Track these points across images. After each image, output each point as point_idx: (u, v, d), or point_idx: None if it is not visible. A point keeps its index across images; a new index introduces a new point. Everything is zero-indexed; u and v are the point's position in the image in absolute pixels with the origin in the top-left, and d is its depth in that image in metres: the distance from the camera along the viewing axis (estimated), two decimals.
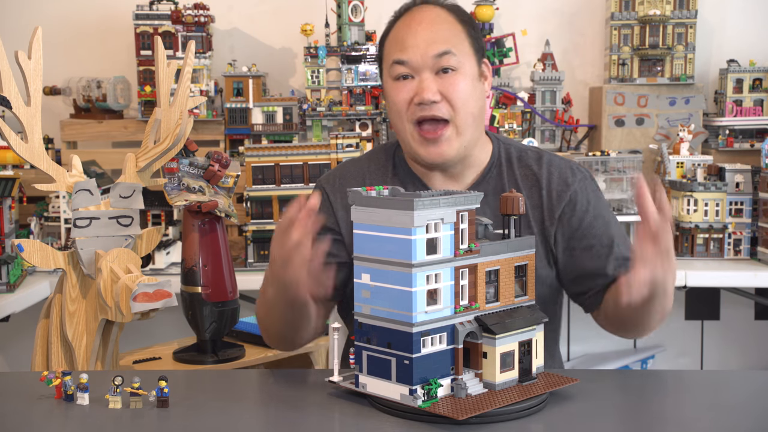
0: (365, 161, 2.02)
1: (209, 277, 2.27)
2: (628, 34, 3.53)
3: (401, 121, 1.86)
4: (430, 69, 1.83)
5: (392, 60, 1.86)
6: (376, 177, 1.97)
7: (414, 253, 1.39)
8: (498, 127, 3.45)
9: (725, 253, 3.24)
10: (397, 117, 1.87)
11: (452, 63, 1.83)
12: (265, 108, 3.41)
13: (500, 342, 1.46)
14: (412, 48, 1.83)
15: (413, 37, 1.84)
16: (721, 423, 1.46)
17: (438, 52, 1.82)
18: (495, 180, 1.94)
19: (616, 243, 1.89)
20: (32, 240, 2.48)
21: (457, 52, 1.84)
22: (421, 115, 1.82)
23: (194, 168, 2.28)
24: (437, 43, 1.83)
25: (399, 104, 1.85)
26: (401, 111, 1.85)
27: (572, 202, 1.90)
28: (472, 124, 1.86)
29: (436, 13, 1.88)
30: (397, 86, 1.86)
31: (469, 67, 1.86)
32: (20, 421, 1.48)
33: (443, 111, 1.82)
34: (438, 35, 1.84)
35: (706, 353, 3.81)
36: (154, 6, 3.48)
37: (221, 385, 1.69)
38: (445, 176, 1.93)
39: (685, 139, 3.36)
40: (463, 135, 1.85)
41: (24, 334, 3.09)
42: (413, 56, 1.83)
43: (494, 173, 1.95)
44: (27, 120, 1.94)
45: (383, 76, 1.93)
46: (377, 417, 1.45)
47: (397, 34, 1.89)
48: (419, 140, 1.85)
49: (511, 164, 1.96)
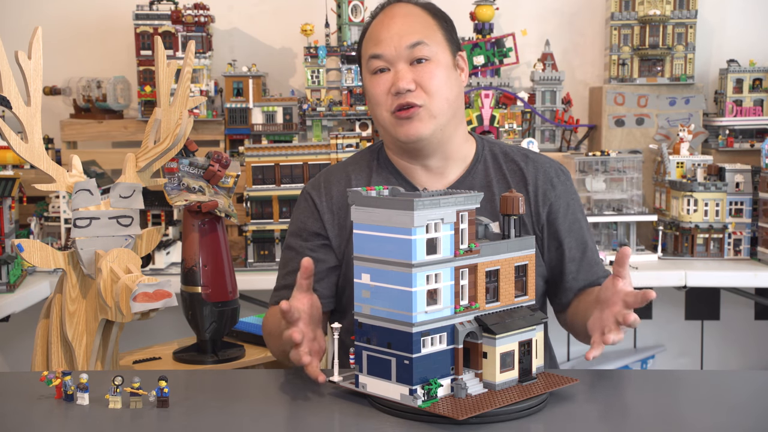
0: (349, 163, 2.08)
1: (209, 277, 2.27)
2: (628, 34, 3.53)
3: (380, 112, 1.93)
4: (405, 60, 1.89)
5: (368, 55, 1.93)
6: (360, 176, 2.02)
7: (414, 253, 1.39)
8: (498, 127, 3.45)
9: (725, 253, 3.24)
10: (376, 108, 1.94)
11: (425, 53, 1.89)
12: (265, 108, 3.41)
13: (500, 342, 1.46)
14: (385, 41, 1.90)
15: (387, 31, 1.91)
16: (721, 423, 1.46)
17: (411, 43, 1.89)
18: (481, 175, 1.99)
19: (589, 248, 2.01)
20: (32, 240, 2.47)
21: (429, 42, 1.90)
22: (398, 103, 1.89)
23: (194, 168, 2.28)
24: (410, 35, 1.89)
25: (378, 96, 1.92)
26: (380, 102, 1.92)
27: (556, 204, 1.98)
28: (448, 109, 1.92)
29: (408, 9, 1.95)
30: (375, 79, 1.93)
31: (443, 57, 1.92)
32: (20, 421, 1.48)
33: (418, 98, 1.88)
34: (410, 27, 1.91)
35: (706, 353, 3.81)
36: (154, 6, 3.48)
37: (221, 385, 1.69)
38: (427, 172, 1.98)
39: (685, 139, 3.36)
40: (437, 118, 1.90)
41: (24, 334, 3.10)
42: (387, 49, 1.90)
43: (480, 168, 2.00)
44: (27, 120, 1.94)
45: (363, 73, 1.99)
46: (377, 417, 1.45)
47: (372, 31, 1.96)
48: (395, 122, 1.91)
49: (497, 160, 2.02)
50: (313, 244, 1.98)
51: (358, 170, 2.03)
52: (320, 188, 2.02)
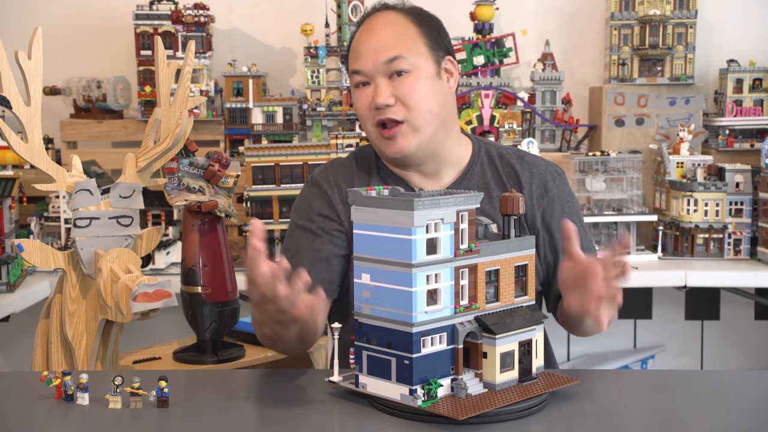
0: (352, 161, 2.07)
1: (209, 277, 2.26)
2: (628, 34, 3.53)
3: (366, 125, 1.96)
4: (383, 74, 1.90)
5: (350, 70, 1.95)
6: (360, 174, 2.02)
7: (414, 253, 1.39)
8: (498, 127, 3.45)
9: (725, 253, 3.24)
10: (362, 121, 1.97)
11: (404, 66, 1.89)
12: (265, 108, 3.41)
13: (500, 342, 1.46)
14: (364, 56, 1.91)
15: (365, 46, 1.92)
16: (721, 423, 1.46)
17: (388, 58, 1.89)
18: (478, 177, 1.99)
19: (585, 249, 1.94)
20: (32, 240, 2.47)
21: (408, 55, 1.89)
22: (378, 118, 1.90)
23: (194, 168, 2.28)
24: (387, 49, 1.89)
25: (361, 110, 1.94)
26: (364, 116, 1.94)
27: (549, 208, 1.98)
28: (432, 121, 1.91)
29: (389, 18, 1.94)
30: (358, 93, 1.94)
31: (424, 68, 1.91)
32: (20, 421, 1.48)
33: (397, 113, 1.89)
34: (388, 41, 1.90)
35: (706, 353, 3.81)
36: (154, 6, 3.48)
37: (221, 385, 1.69)
38: (422, 175, 1.99)
39: (685, 139, 3.36)
40: (420, 131, 1.90)
41: (24, 334, 3.09)
42: (365, 64, 1.91)
43: (476, 170, 2.00)
44: (27, 120, 1.94)
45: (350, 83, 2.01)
46: (377, 417, 1.45)
47: (354, 44, 1.97)
48: (381, 139, 1.93)
49: (493, 162, 2.02)
50: (327, 226, 1.95)
51: (360, 172, 2.03)
52: (330, 180, 2.01)
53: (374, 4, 2.00)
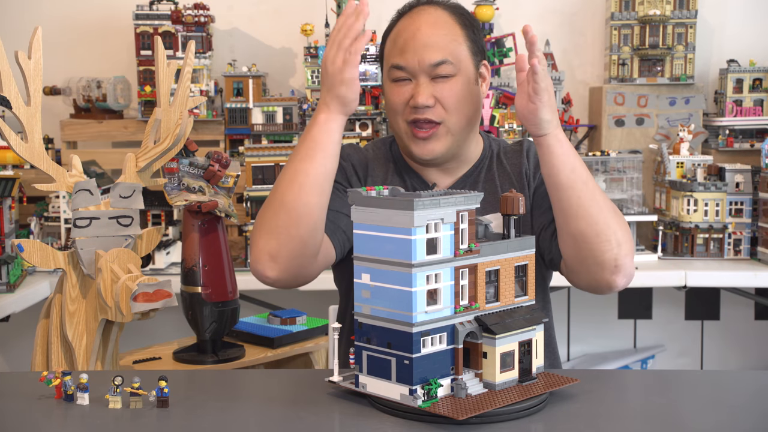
0: (370, 150, 2.08)
1: (209, 277, 2.26)
2: (628, 34, 3.53)
3: (397, 120, 1.94)
4: (426, 74, 1.89)
5: (391, 64, 1.92)
6: (377, 166, 2.03)
7: (414, 253, 1.39)
8: (498, 127, 3.45)
9: (725, 253, 3.24)
10: (393, 115, 1.95)
11: (448, 70, 1.89)
12: (265, 108, 3.41)
13: (500, 342, 1.46)
14: (410, 54, 1.88)
15: (412, 42, 1.89)
16: (721, 423, 1.46)
17: (435, 62, 1.88)
18: (486, 171, 2.03)
19: None
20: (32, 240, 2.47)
21: (453, 59, 1.89)
22: (415, 116, 1.89)
23: (194, 168, 2.28)
24: (435, 52, 1.87)
25: (396, 105, 1.92)
26: (398, 111, 1.92)
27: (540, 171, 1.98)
28: (466, 126, 1.93)
29: (437, 15, 1.91)
30: (395, 87, 1.92)
31: (465, 72, 1.91)
32: (20, 421, 1.48)
33: (436, 114, 1.89)
34: (436, 42, 1.88)
35: (706, 353, 3.82)
36: (154, 6, 3.48)
37: (221, 385, 1.69)
38: (438, 170, 2.02)
39: (685, 139, 3.37)
40: (454, 135, 1.92)
41: (24, 334, 3.10)
42: (411, 63, 1.89)
43: (485, 165, 2.04)
44: (27, 120, 1.94)
45: (383, 75, 1.99)
46: (377, 417, 1.45)
47: (397, 36, 1.93)
48: (412, 138, 1.92)
49: (499, 157, 2.06)
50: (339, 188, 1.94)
51: (376, 160, 2.04)
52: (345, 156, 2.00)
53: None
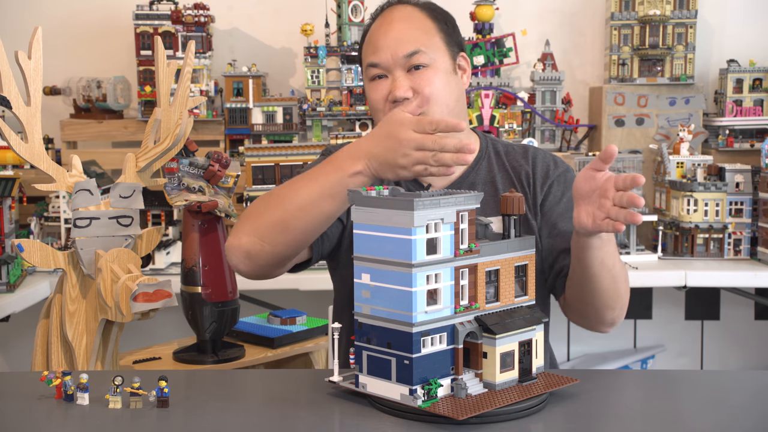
0: None
1: (209, 277, 2.27)
2: (628, 34, 3.53)
3: (379, 118, 1.94)
4: (402, 67, 1.90)
5: (367, 63, 1.95)
6: None
7: (414, 253, 1.39)
8: (498, 127, 3.45)
9: (725, 253, 3.24)
10: (375, 114, 1.96)
11: (423, 60, 1.90)
12: (265, 108, 3.41)
13: (500, 342, 1.46)
14: (383, 50, 1.91)
15: (384, 39, 1.91)
16: (721, 423, 1.46)
17: (407, 53, 1.89)
18: (485, 171, 2.01)
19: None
20: (32, 240, 2.47)
21: (427, 49, 1.90)
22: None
23: (194, 168, 2.28)
24: (406, 43, 1.90)
25: (376, 102, 1.94)
26: (379, 108, 1.94)
27: (550, 190, 1.98)
28: (448, 115, 1.91)
29: (407, 12, 1.95)
30: (373, 86, 1.94)
31: (441, 62, 1.92)
32: (20, 421, 1.48)
33: (416, 106, 1.89)
34: (407, 35, 1.91)
35: (706, 353, 3.81)
36: (154, 6, 3.48)
37: (221, 385, 1.69)
38: None
39: (685, 139, 3.36)
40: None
41: (24, 334, 3.09)
42: (384, 57, 1.91)
43: (484, 164, 2.02)
44: (27, 120, 1.94)
45: (363, 77, 2.00)
46: (377, 417, 1.45)
47: (371, 36, 1.96)
48: None
49: (499, 156, 2.04)
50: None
51: None
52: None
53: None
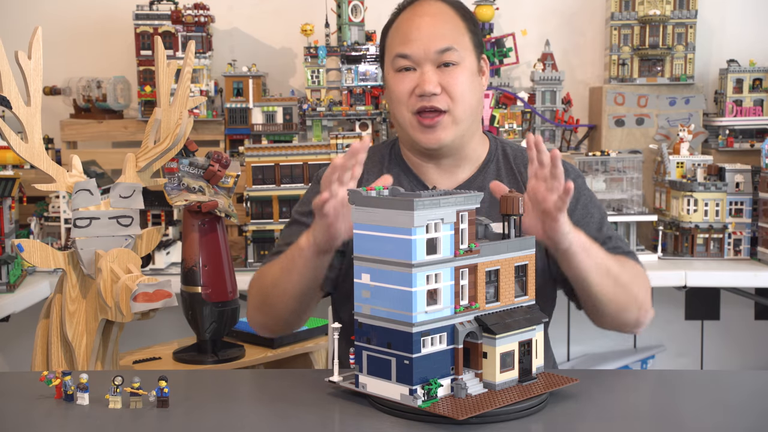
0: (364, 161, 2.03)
1: (209, 277, 2.27)
2: (628, 34, 3.53)
3: (401, 111, 1.93)
4: (432, 62, 1.89)
5: (395, 53, 1.92)
6: (372, 171, 2.01)
7: (414, 253, 1.39)
8: (498, 127, 3.45)
9: (725, 253, 3.24)
10: (397, 106, 1.94)
11: (453, 58, 1.89)
12: (265, 108, 3.41)
13: (500, 342, 1.46)
14: (415, 42, 1.89)
15: (416, 32, 1.90)
16: (721, 423, 1.46)
17: (440, 48, 1.88)
18: (493, 174, 2.00)
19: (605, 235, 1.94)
20: (32, 240, 2.47)
21: (458, 47, 1.90)
22: (421, 105, 1.89)
23: (194, 168, 2.28)
24: (440, 39, 1.89)
25: (400, 94, 1.92)
26: (402, 101, 1.92)
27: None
28: (470, 115, 1.93)
29: (438, 8, 1.94)
30: (399, 77, 1.92)
31: (469, 62, 1.92)
32: (20, 421, 1.48)
33: (442, 102, 1.89)
34: (441, 31, 1.90)
35: (706, 353, 3.81)
36: (154, 6, 3.48)
37: (221, 385, 1.69)
38: (439, 170, 1.99)
39: (685, 139, 3.36)
40: (459, 124, 1.91)
41: (24, 334, 3.09)
42: (416, 50, 1.89)
43: (492, 168, 2.01)
44: (27, 120, 1.94)
45: (384, 67, 1.99)
46: (377, 417, 1.45)
47: (399, 27, 1.94)
48: (417, 127, 1.91)
49: (508, 160, 2.03)
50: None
51: (371, 164, 2.02)
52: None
53: None
